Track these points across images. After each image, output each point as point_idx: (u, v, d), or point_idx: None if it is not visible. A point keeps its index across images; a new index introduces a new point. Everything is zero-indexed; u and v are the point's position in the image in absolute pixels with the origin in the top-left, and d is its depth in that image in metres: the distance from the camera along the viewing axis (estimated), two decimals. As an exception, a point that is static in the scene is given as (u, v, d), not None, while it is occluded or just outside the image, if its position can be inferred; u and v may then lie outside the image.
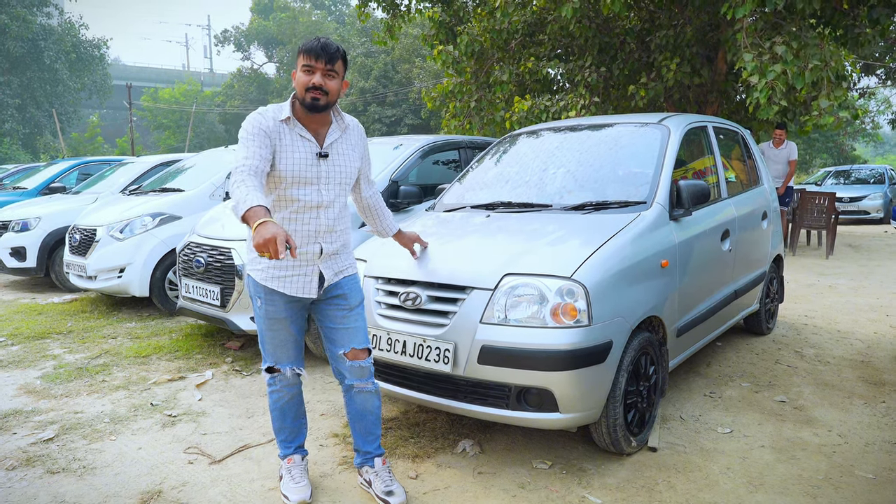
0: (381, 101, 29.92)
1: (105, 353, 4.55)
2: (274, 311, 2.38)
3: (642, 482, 2.62)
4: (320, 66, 2.22)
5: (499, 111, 10.34)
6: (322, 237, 2.36)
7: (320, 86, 2.22)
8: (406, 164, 4.80)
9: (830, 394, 3.63)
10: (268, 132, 2.22)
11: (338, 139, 2.38)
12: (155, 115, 47.46)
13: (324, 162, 2.32)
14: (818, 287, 6.65)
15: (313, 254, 2.35)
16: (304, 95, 2.23)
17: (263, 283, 2.36)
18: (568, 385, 2.48)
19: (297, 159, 2.27)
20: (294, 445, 2.61)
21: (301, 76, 2.24)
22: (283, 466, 2.58)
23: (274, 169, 2.25)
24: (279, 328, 2.42)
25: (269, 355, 2.47)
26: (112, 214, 5.84)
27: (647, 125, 3.66)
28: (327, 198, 2.34)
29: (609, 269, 2.65)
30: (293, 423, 2.59)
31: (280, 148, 2.25)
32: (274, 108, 2.30)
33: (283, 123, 2.27)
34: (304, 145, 2.28)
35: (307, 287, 2.37)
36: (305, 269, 2.36)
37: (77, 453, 2.95)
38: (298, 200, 2.29)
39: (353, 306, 2.47)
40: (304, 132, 2.29)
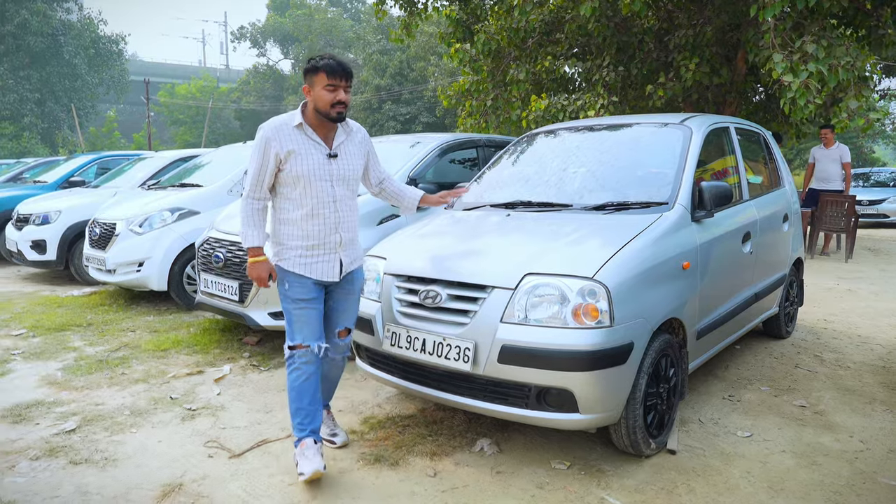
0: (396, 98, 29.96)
1: (124, 346, 4.60)
2: (303, 291, 2.68)
3: (661, 484, 2.61)
4: (342, 84, 2.60)
5: (515, 110, 10.31)
6: (341, 228, 2.71)
7: (343, 101, 2.61)
8: (424, 162, 4.80)
9: (851, 399, 3.58)
10: (278, 147, 2.58)
11: (344, 141, 2.73)
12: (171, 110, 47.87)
13: (334, 161, 2.67)
14: (838, 291, 6.58)
15: (335, 243, 2.71)
16: (330, 110, 2.59)
17: (292, 269, 2.67)
18: (588, 386, 2.48)
19: (312, 162, 2.61)
20: (309, 429, 2.68)
21: (325, 94, 2.57)
22: (297, 451, 2.66)
23: (291, 171, 2.59)
24: (307, 306, 2.68)
25: (297, 333, 2.68)
26: (131, 209, 5.90)
27: (668, 125, 3.64)
28: (340, 193, 2.69)
29: (631, 270, 2.64)
30: (310, 405, 2.69)
31: (295, 153, 2.59)
32: (285, 119, 2.65)
33: (296, 129, 2.62)
34: (315, 148, 2.64)
35: (331, 272, 2.72)
36: (329, 257, 2.71)
37: (99, 445, 2.98)
38: (317, 197, 2.64)
39: (355, 292, 2.88)
40: (315, 136, 2.65)
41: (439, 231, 3.33)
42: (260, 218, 2.65)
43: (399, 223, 4.49)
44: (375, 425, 3.20)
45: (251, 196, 2.65)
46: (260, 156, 2.60)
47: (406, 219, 4.54)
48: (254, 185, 2.63)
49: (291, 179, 2.60)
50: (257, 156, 2.61)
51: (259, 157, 2.60)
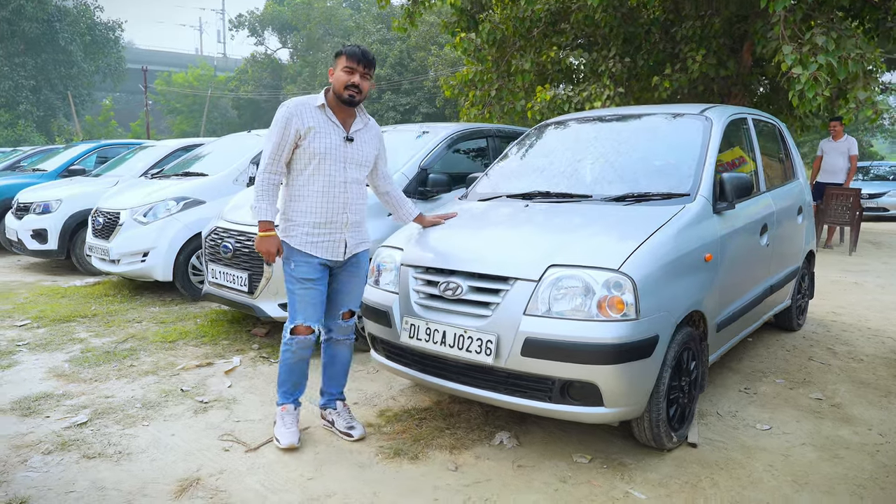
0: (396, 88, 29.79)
1: (131, 337, 4.55)
2: (308, 270, 2.78)
3: (685, 478, 2.58)
4: (360, 69, 2.74)
5: (519, 100, 10.23)
6: (349, 209, 2.83)
7: (357, 84, 2.74)
8: (435, 152, 4.74)
9: (867, 392, 3.57)
10: (299, 124, 2.70)
11: (361, 129, 2.87)
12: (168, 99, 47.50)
13: (350, 145, 2.80)
14: (844, 283, 6.56)
15: (342, 223, 2.82)
16: (343, 92, 2.73)
17: (299, 247, 2.78)
18: (614, 379, 2.44)
19: (329, 141, 2.74)
20: (292, 398, 2.94)
21: (342, 75, 2.72)
22: (278, 413, 2.92)
23: (309, 147, 2.71)
24: (311, 287, 2.80)
25: (300, 314, 2.80)
26: (136, 198, 5.83)
27: (687, 116, 3.59)
28: (352, 176, 2.81)
29: (655, 262, 2.60)
30: (298, 379, 2.93)
31: (315, 130, 2.72)
32: (308, 99, 2.78)
33: (318, 109, 2.76)
34: (334, 130, 2.77)
35: (336, 251, 2.83)
36: (335, 237, 2.81)
37: (112, 438, 2.94)
38: (329, 175, 2.76)
39: (361, 274, 2.98)
40: (334, 118, 2.79)
41: (456, 222, 3.28)
42: (274, 192, 2.74)
43: (410, 214, 4.44)
44: (392, 418, 3.16)
45: (267, 170, 2.72)
46: (281, 130, 2.70)
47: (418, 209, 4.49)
48: (271, 159, 2.72)
49: (307, 156, 2.72)
50: (278, 130, 2.70)
51: (280, 132, 2.70)
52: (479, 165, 5.22)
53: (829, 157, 8.96)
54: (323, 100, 2.76)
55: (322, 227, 2.77)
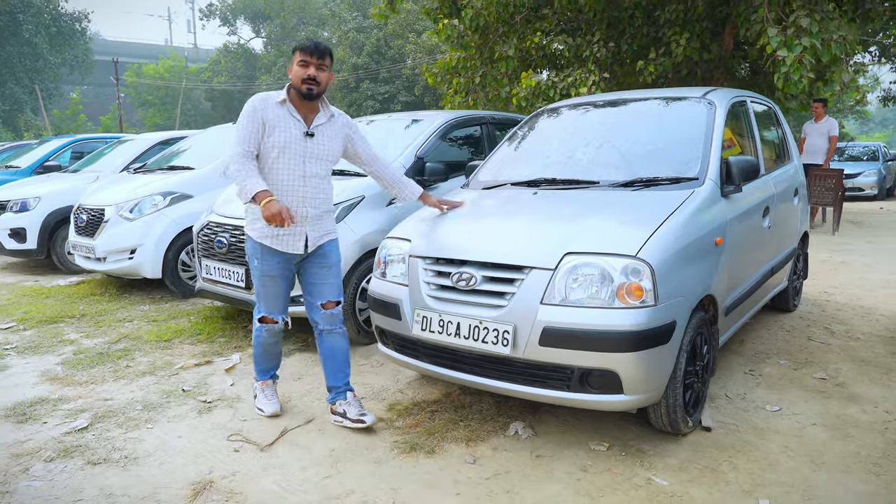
0: (374, 77, 29.44)
1: (124, 337, 4.43)
2: (268, 268, 2.88)
3: (704, 462, 2.58)
4: (314, 61, 2.76)
5: (503, 87, 10.17)
6: (308, 203, 2.85)
7: (314, 77, 2.76)
8: (431, 140, 4.67)
9: (868, 370, 3.61)
10: (263, 116, 2.75)
11: (323, 124, 2.89)
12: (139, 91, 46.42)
13: (310, 140, 2.83)
14: (831, 263, 6.66)
15: (302, 217, 2.85)
16: (301, 86, 2.77)
17: (260, 240, 2.85)
18: (634, 366, 2.42)
19: (288, 135, 2.78)
20: (269, 374, 3.18)
21: (298, 69, 2.77)
22: (258, 387, 3.18)
23: (269, 141, 2.76)
24: (273, 284, 2.92)
25: (264, 307, 2.97)
26: (120, 193, 5.66)
27: (690, 99, 3.57)
28: (311, 170, 2.83)
29: (671, 248, 2.58)
30: (272, 359, 3.16)
31: (275, 124, 2.76)
32: (271, 94, 2.83)
33: (279, 104, 2.80)
34: (294, 124, 2.80)
35: (295, 245, 2.87)
36: (295, 230, 2.85)
37: (115, 443, 2.85)
38: (287, 169, 2.79)
39: (331, 265, 2.99)
40: (296, 113, 2.82)
41: (464, 211, 3.22)
42: (254, 168, 2.74)
43: (408, 204, 4.37)
44: (402, 412, 3.12)
45: (241, 154, 2.74)
46: (249, 119, 2.76)
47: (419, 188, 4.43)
48: (243, 143, 2.74)
49: (267, 150, 2.77)
50: (247, 119, 2.76)
51: (249, 120, 2.76)
52: (475, 153, 5.16)
53: (811, 139, 9.07)
54: (284, 95, 2.81)
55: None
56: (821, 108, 8.82)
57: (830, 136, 8.90)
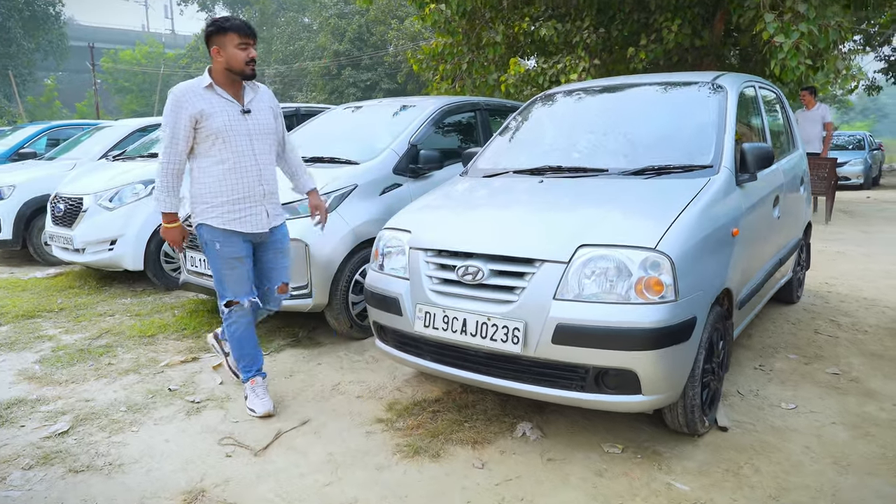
0: (356, 64, 29.00)
1: (106, 332, 4.21)
2: (233, 250, 2.84)
3: (725, 465, 2.46)
4: (251, 42, 2.78)
5: (491, 73, 9.98)
6: (263, 180, 2.86)
7: (255, 58, 2.79)
8: (424, 127, 4.48)
9: (880, 364, 3.52)
10: (193, 107, 2.68)
11: (253, 98, 2.87)
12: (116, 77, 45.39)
13: (249, 117, 2.82)
14: (828, 254, 6.60)
15: (260, 195, 2.85)
16: (245, 68, 2.76)
17: (223, 226, 2.80)
18: (653, 365, 2.29)
19: (227, 118, 2.74)
20: (254, 369, 3.03)
21: (238, 52, 2.73)
22: (248, 387, 3.02)
23: (209, 129, 2.71)
24: (238, 265, 2.86)
25: (229, 291, 2.89)
26: (99, 182, 5.41)
27: (699, 84, 3.42)
28: (259, 147, 2.84)
29: (691, 240, 2.44)
30: (252, 350, 3.02)
31: (210, 111, 2.71)
32: (193, 82, 2.76)
33: (206, 90, 2.74)
34: (229, 105, 2.77)
35: (260, 223, 2.88)
36: (256, 209, 2.86)
37: (99, 448, 2.66)
38: (237, 151, 2.77)
39: (286, 249, 3.07)
40: (226, 95, 2.78)
41: (466, 200, 3.06)
42: (177, 182, 2.76)
43: (402, 193, 4.20)
44: (403, 412, 2.96)
45: (167, 161, 2.72)
46: (173, 119, 2.69)
47: (409, 188, 4.26)
48: (168, 149, 2.71)
49: (210, 138, 2.72)
50: (171, 119, 2.69)
51: (173, 121, 2.69)
52: (469, 140, 4.99)
53: (805, 127, 8.99)
54: (209, 80, 2.76)
55: (241, 203, 2.81)
56: (808, 96, 8.72)
57: (825, 122, 8.80)
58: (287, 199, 3.84)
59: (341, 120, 5.20)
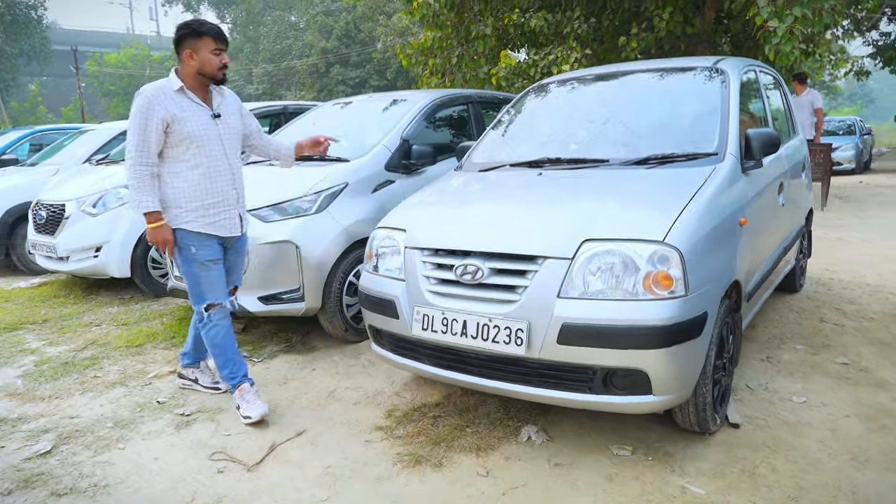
0: (345, 61, 28.76)
1: (92, 343, 4.07)
2: (208, 253, 2.81)
3: (740, 465, 2.36)
4: (224, 48, 2.79)
5: (481, 66, 9.85)
6: (236, 183, 2.88)
7: (227, 63, 2.82)
8: (416, 121, 4.36)
9: (890, 353, 3.44)
10: (164, 110, 2.64)
11: (221, 102, 2.87)
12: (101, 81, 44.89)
13: (219, 122, 2.82)
14: (827, 240, 6.52)
15: (234, 199, 2.87)
16: (217, 73, 2.77)
17: (199, 230, 2.77)
18: (664, 364, 2.18)
19: (199, 122, 2.73)
20: (240, 375, 2.93)
21: (212, 57, 2.73)
22: (237, 396, 2.91)
23: (181, 133, 2.68)
24: (213, 268, 2.84)
25: (208, 293, 2.85)
26: (82, 187, 5.25)
27: (700, 69, 3.32)
28: (230, 151, 2.85)
29: (699, 231, 2.33)
30: (234, 355, 2.94)
31: (182, 115, 2.68)
32: (162, 84, 2.72)
33: (177, 93, 2.71)
34: (200, 110, 2.76)
35: (234, 227, 2.89)
36: (229, 213, 2.86)
37: (83, 468, 2.53)
38: (210, 155, 2.76)
39: (245, 252, 3.11)
40: (196, 99, 2.77)
41: (462, 196, 2.95)
42: (151, 183, 2.69)
43: (395, 190, 4.08)
44: (402, 418, 2.84)
45: (139, 163, 2.66)
46: (143, 122, 2.63)
47: (401, 184, 4.14)
48: (140, 151, 2.65)
49: (183, 142, 2.69)
50: (140, 121, 2.64)
51: (142, 124, 2.64)
52: (462, 134, 4.87)
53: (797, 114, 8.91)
54: (180, 83, 2.72)
55: (215, 207, 2.80)
56: (796, 83, 8.61)
57: (815, 108, 8.72)
58: (275, 200, 3.73)
59: (330, 116, 5.07)
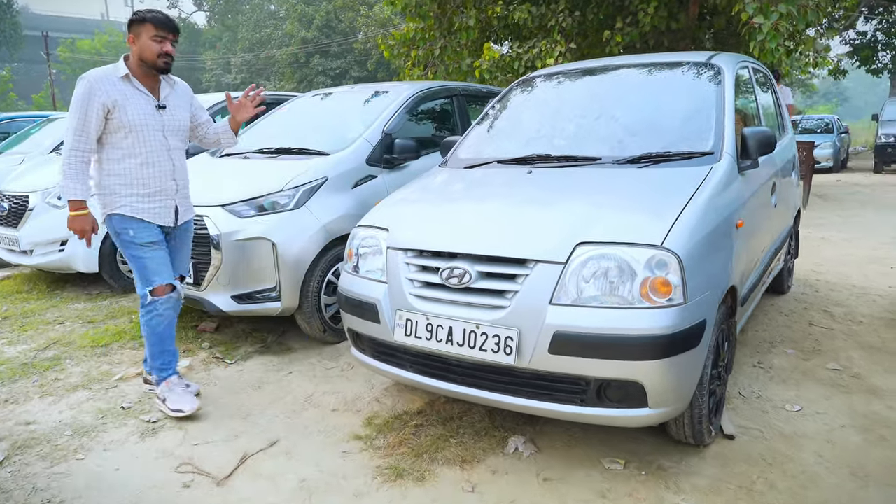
0: (325, 52, 28.34)
1: (54, 342, 3.85)
2: (147, 235, 2.76)
3: (737, 480, 2.26)
4: (169, 37, 2.74)
5: (464, 59, 9.68)
6: (176, 175, 2.84)
7: (170, 52, 2.75)
8: (399, 114, 4.19)
9: (880, 358, 3.38)
10: (105, 96, 2.61)
11: (170, 93, 2.85)
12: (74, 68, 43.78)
13: (164, 113, 2.79)
14: (811, 240, 6.50)
15: (172, 190, 2.82)
16: (157, 60, 2.71)
17: (134, 215, 2.73)
18: (661, 376, 2.06)
19: (142, 112, 2.70)
20: (172, 369, 2.92)
21: (152, 44, 2.69)
22: (163, 389, 2.88)
23: (122, 121, 2.65)
24: (156, 248, 2.79)
25: (155, 275, 2.77)
26: (47, 178, 4.99)
27: (693, 65, 3.20)
28: (173, 143, 2.82)
29: (697, 234, 2.21)
30: (171, 347, 2.90)
31: (123, 102, 2.65)
32: (107, 70, 2.70)
33: (122, 80, 2.69)
34: (144, 99, 2.73)
35: (168, 217, 2.84)
36: (166, 203, 2.82)
37: (37, 481, 2.34)
38: (150, 146, 2.73)
39: (189, 241, 3.05)
40: (142, 88, 2.74)
41: (448, 193, 2.80)
42: (83, 170, 2.65)
43: (376, 185, 3.92)
44: (382, 427, 2.70)
45: (75, 148, 2.61)
46: (84, 106, 2.60)
47: (383, 180, 3.98)
48: (77, 136, 2.61)
49: (122, 129, 2.66)
50: (80, 106, 2.60)
51: (82, 108, 2.60)
52: (446, 129, 4.72)
53: None
54: (125, 70, 2.70)
55: (151, 197, 2.76)
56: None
57: (787, 104, 8.73)
58: (250, 194, 3.55)
59: (309, 108, 4.88)
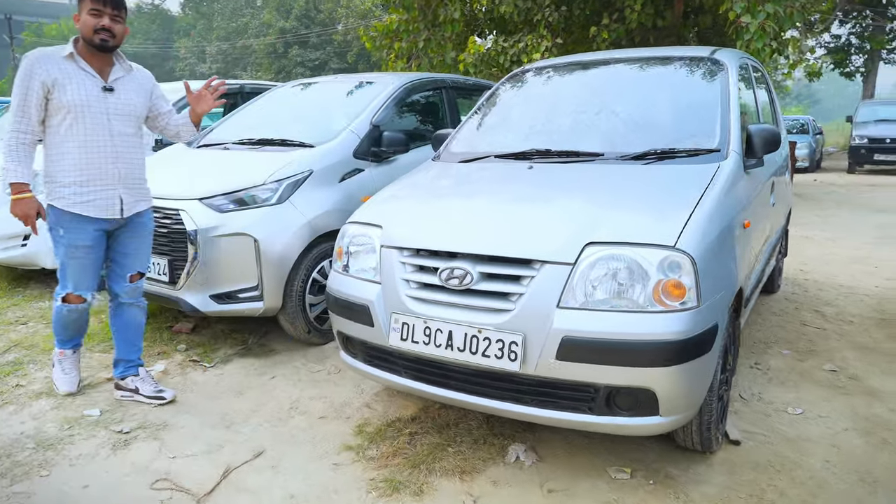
0: (304, 43, 27.88)
1: (15, 345, 3.62)
2: (77, 238, 2.63)
3: (747, 489, 2.17)
4: (108, 11, 2.55)
5: (449, 52, 9.53)
6: (121, 161, 2.67)
7: (109, 28, 2.56)
8: (388, 106, 4.03)
9: (874, 358, 3.34)
10: (46, 75, 2.50)
11: (122, 77, 2.69)
12: (40, 54, 42.43)
13: (111, 96, 2.64)
14: (796, 238, 6.51)
15: (114, 177, 2.65)
16: (93, 36, 2.55)
17: (69, 209, 2.59)
18: (674, 383, 1.96)
19: (84, 92, 2.56)
20: (73, 343, 2.93)
21: (89, 18, 2.53)
22: (56, 357, 2.93)
23: (61, 101, 2.52)
24: (83, 255, 2.67)
25: (70, 282, 2.70)
26: (9, 168, 4.72)
27: (696, 59, 3.11)
28: (118, 129, 2.65)
29: (710, 234, 2.12)
30: (77, 331, 2.91)
31: (63, 82, 2.53)
32: (54, 49, 2.61)
33: (66, 59, 2.57)
34: (88, 79, 2.59)
35: (111, 209, 2.67)
36: (108, 193, 2.65)
37: (-2, 499, 2.15)
38: (90, 128, 2.58)
39: (146, 235, 2.88)
40: (88, 68, 2.60)
41: (444, 189, 2.66)
42: (26, 152, 2.56)
43: (364, 179, 3.76)
44: (375, 436, 2.55)
45: (16, 129, 2.53)
46: (24, 85, 2.52)
47: (371, 174, 3.82)
48: (19, 116, 2.53)
49: (61, 110, 2.55)
50: (21, 85, 2.52)
51: (24, 87, 2.52)
52: (435, 122, 4.57)
53: None
54: (72, 48, 2.58)
55: (90, 185, 2.61)
56: None
57: None
58: (230, 188, 3.37)
59: (292, 98, 4.69)
